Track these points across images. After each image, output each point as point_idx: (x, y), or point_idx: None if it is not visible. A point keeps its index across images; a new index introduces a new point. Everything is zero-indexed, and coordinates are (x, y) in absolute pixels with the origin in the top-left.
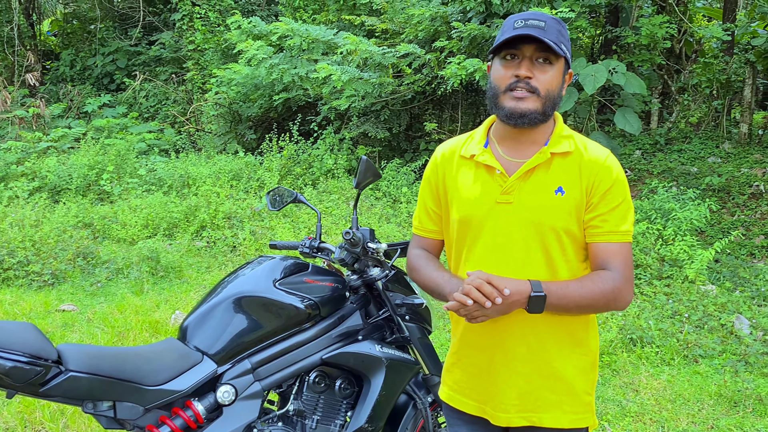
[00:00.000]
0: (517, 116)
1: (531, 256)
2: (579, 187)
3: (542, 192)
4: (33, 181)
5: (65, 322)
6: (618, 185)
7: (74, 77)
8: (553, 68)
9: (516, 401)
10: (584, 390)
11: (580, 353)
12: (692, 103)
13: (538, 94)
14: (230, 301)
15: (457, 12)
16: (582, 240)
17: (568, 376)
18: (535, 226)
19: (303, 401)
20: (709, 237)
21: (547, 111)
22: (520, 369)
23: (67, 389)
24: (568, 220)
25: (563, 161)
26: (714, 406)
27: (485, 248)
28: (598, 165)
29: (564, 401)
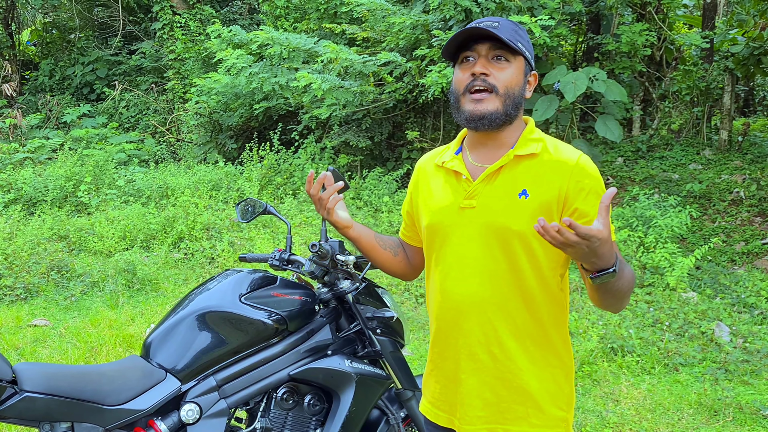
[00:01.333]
0: (477, 119)
1: (494, 263)
2: (547, 190)
3: (505, 195)
4: (8, 193)
5: (36, 338)
6: (596, 185)
7: (53, 87)
8: (511, 66)
9: (482, 413)
10: (554, 403)
11: (550, 365)
12: (673, 110)
13: (497, 93)
14: (194, 316)
15: (438, 20)
16: (559, 252)
17: (536, 388)
18: (497, 230)
19: (271, 418)
20: (690, 244)
21: (508, 111)
22: (486, 379)
23: (22, 410)
24: (532, 224)
25: (530, 163)
26: (694, 415)
27: (451, 255)
28: (570, 166)
29: (531, 414)
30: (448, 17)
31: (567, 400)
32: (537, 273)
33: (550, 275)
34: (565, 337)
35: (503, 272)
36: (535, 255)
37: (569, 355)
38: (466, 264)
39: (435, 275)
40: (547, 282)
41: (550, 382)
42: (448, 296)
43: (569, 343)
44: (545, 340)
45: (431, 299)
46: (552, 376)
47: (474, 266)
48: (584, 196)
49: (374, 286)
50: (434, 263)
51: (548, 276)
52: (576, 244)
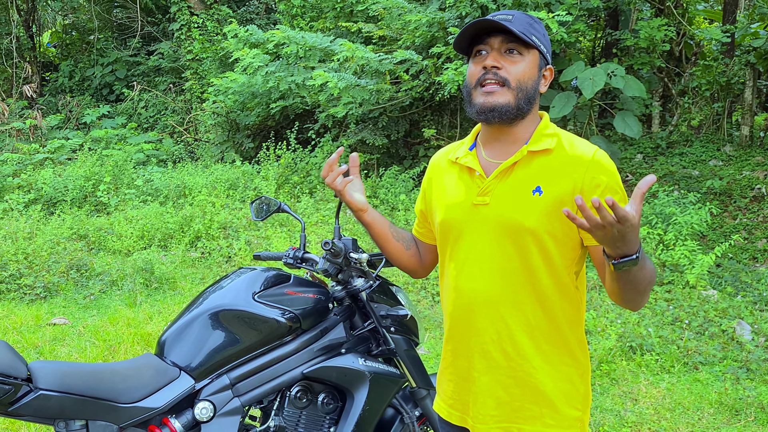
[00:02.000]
0: (487, 110)
1: (507, 261)
2: (562, 187)
3: (518, 192)
4: (29, 193)
5: (55, 336)
6: (612, 180)
7: (73, 88)
8: (524, 59)
9: (495, 412)
10: (569, 403)
11: (565, 364)
12: (693, 106)
13: (509, 86)
14: (208, 314)
15: (454, 17)
16: (571, 243)
17: (550, 387)
18: (510, 228)
19: (284, 417)
20: (711, 241)
21: (521, 105)
22: (499, 377)
23: (37, 408)
24: (547, 222)
25: (544, 160)
26: (714, 414)
27: (464, 252)
28: (586, 162)
29: (545, 414)
30: (464, 14)
31: (582, 399)
32: (551, 270)
33: (565, 273)
34: (580, 336)
35: (516, 269)
36: (549, 252)
37: (585, 353)
38: (480, 261)
39: (448, 272)
40: (562, 280)
41: (564, 381)
42: (461, 293)
43: (585, 342)
44: (559, 338)
45: (445, 296)
46: (566, 375)
47: (487, 263)
48: (600, 193)
49: (388, 284)
50: (448, 260)
51: (563, 273)
52: (610, 225)
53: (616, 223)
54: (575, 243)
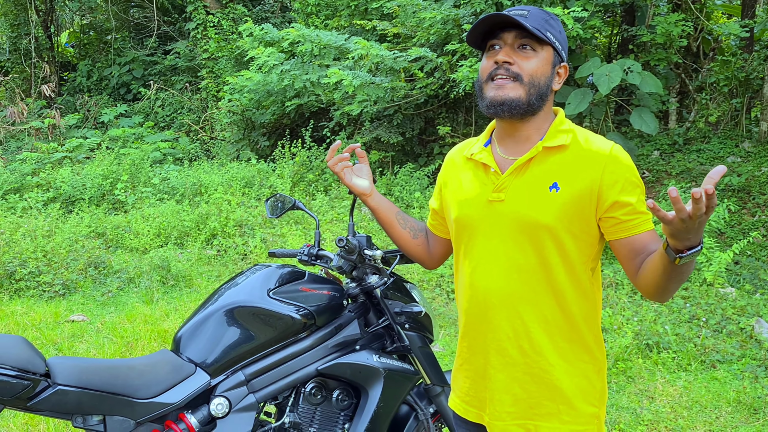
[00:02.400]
0: (497, 104)
1: (524, 257)
2: (579, 183)
3: (535, 188)
4: (47, 192)
5: (74, 333)
6: (630, 174)
7: (91, 88)
8: (538, 56)
9: (511, 408)
10: (586, 400)
11: (581, 360)
12: (711, 102)
13: (521, 81)
14: (223, 311)
15: (469, 15)
16: (588, 239)
17: (566, 384)
18: (527, 225)
19: (299, 413)
20: (729, 238)
21: (532, 101)
22: (515, 374)
23: (55, 403)
24: (564, 218)
25: (560, 156)
26: (732, 413)
27: (479, 248)
28: (604, 157)
29: (562, 411)
30: (479, 11)
31: (599, 396)
32: (567, 267)
33: (581, 270)
34: (596, 332)
35: (532, 266)
36: (565, 249)
37: (601, 350)
38: (495, 258)
39: (464, 269)
40: (578, 276)
41: (581, 377)
42: (476, 290)
43: (601, 339)
44: (576, 335)
45: (460, 293)
46: (583, 371)
47: (503, 260)
48: (620, 188)
49: (402, 281)
50: (462, 256)
51: (579, 270)
52: (699, 216)
53: (704, 215)
54: (593, 239)
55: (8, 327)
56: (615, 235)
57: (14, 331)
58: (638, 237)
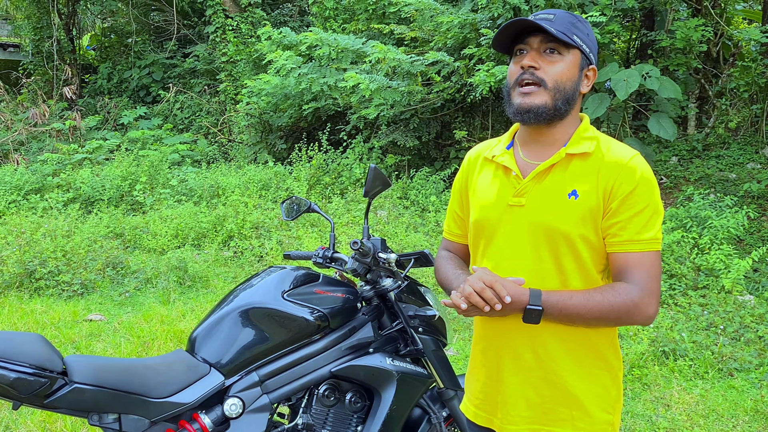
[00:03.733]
0: (524, 111)
1: (540, 263)
2: (595, 191)
3: (555, 195)
4: (67, 192)
5: (91, 332)
6: (642, 188)
7: (111, 90)
8: (564, 59)
9: (525, 413)
10: (601, 407)
11: (596, 367)
12: (730, 108)
13: (545, 86)
14: (238, 312)
15: (486, 19)
16: (602, 248)
17: (581, 390)
18: (545, 230)
19: (312, 415)
20: (748, 246)
21: (558, 106)
22: (530, 379)
23: (71, 401)
24: (581, 226)
25: (582, 163)
26: (750, 422)
27: (498, 252)
28: (620, 166)
29: (576, 417)
30: (497, 15)
31: (613, 403)
32: (583, 274)
33: (597, 277)
34: (612, 340)
35: (549, 272)
36: (582, 256)
37: (617, 357)
38: (512, 262)
39: None
40: (594, 283)
41: (595, 384)
42: None
43: (617, 346)
44: (590, 342)
45: None
46: (598, 378)
47: (520, 265)
48: (621, 198)
49: (416, 285)
50: (480, 258)
51: (595, 278)
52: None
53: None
54: (604, 249)
55: (28, 325)
56: (610, 248)
57: (33, 329)
58: (613, 255)
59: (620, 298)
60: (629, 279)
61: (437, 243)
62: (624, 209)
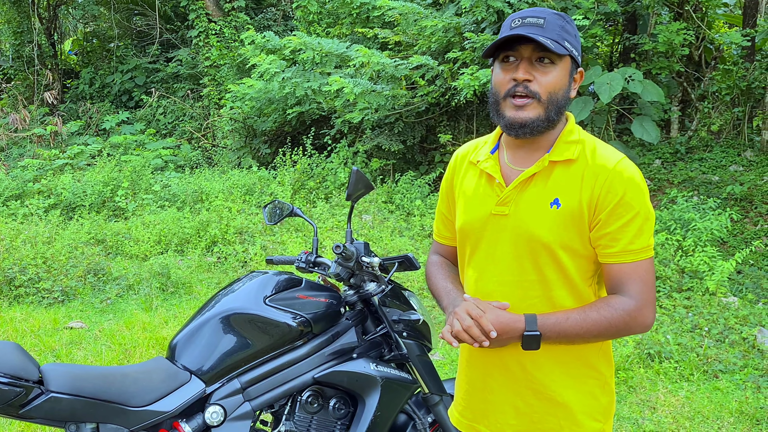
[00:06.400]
0: (517, 126)
1: (523, 273)
2: (579, 199)
3: (537, 205)
4: (48, 198)
5: (72, 340)
6: (631, 194)
7: (93, 95)
8: (556, 68)
9: (513, 421)
10: (590, 415)
11: (585, 375)
12: (713, 111)
13: (539, 99)
14: (219, 318)
15: (470, 23)
16: (589, 256)
17: (569, 399)
18: (527, 240)
19: (295, 422)
20: (731, 247)
21: (551, 117)
22: (517, 388)
23: (48, 411)
24: (564, 236)
25: (565, 170)
26: (735, 423)
27: (482, 261)
28: (605, 172)
29: (564, 426)
30: (480, 19)
31: (603, 411)
32: (568, 283)
33: (584, 285)
34: (600, 347)
35: (532, 282)
36: (565, 266)
37: (608, 364)
38: (497, 271)
39: (468, 278)
40: (580, 293)
41: (584, 393)
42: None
43: (608, 353)
44: (577, 350)
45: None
46: (586, 386)
47: (503, 274)
48: (610, 209)
49: (400, 289)
50: (467, 265)
51: (581, 287)
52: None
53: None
54: (593, 257)
55: (7, 333)
56: (603, 258)
57: (13, 337)
58: (606, 267)
59: (617, 313)
60: (624, 291)
61: (422, 247)
62: (613, 219)
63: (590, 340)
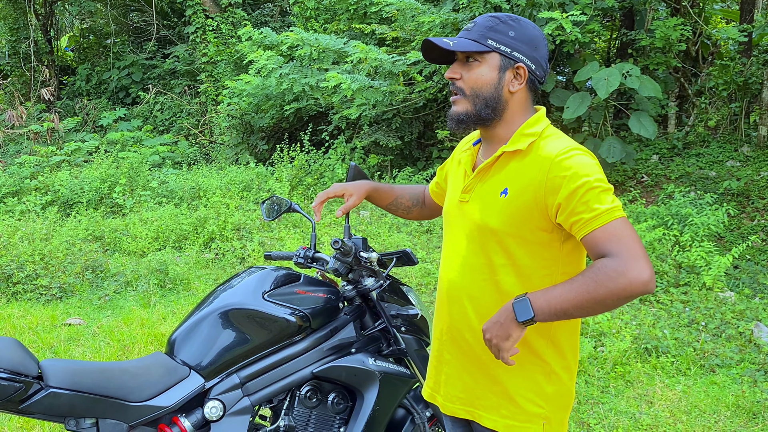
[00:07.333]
0: (450, 119)
1: (473, 257)
2: (526, 189)
3: (489, 193)
4: (45, 195)
5: (70, 336)
6: (574, 173)
7: (90, 91)
8: (481, 66)
9: (461, 394)
10: (529, 399)
11: (527, 361)
12: (710, 107)
13: (465, 95)
14: (218, 313)
15: (468, 18)
16: (542, 243)
17: (507, 381)
18: (478, 227)
19: (294, 416)
20: (728, 242)
21: (480, 111)
22: (465, 363)
23: (47, 406)
24: (511, 224)
25: (519, 161)
26: (731, 417)
27: (447, 243)
28: (549, 161)
29: (502, 405)
30: (478, 14)
31: (547, 398)
32: (516, 270)
33: (536, 273)
34: (552, 337)
35: (481, 266)
36: (513, 253)
37: (558, 356)
38: (455, 254)
39: (440, 259)
40: (530, 281)
41: (524, 378)
42: (441, 281)
43: (560, 346)
44: (523, 338)
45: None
46: (528, 372)
47: (460, 256)
48: (566, 194)
49: (399, 284)
50: (442, 248)
51: (532, 274)
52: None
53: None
54: (548, 244)
55: (5, 330)
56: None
57: (10, 334)
58: (583, 240)
59: (602, 272)
60: (605, 254)
61: (420, 243)
62: (568, 201)
63: (588, 309)
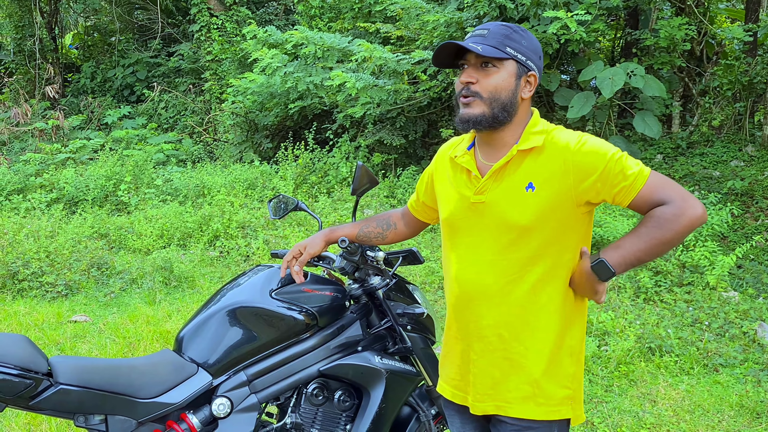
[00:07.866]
0: (464, 121)
1: (500, 254)
2: (552, 178)
3: (512, 190)
4: (51, 193)
5: (76, 333)
6: (599, 154)
7: (95, 89)
8: (499, 71)
9: (491, 390)
10: (559, 383)
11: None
12: (714, 106)
13: (481, 98)
14: (225, 311)
15: (472, 17)
16: (569, 227)
17: (538, 369)
18: (505, 224)
19: (301, 414)
20: (732, 242)
21: (496, 114)
22: (494, 359)
23: (57, 402)
24: (540, 216)
25: (535, 157)
26: (735, 417)
27: (464, 246)
28: (568, 151)
29: (538, 394)
30: (483, 14)
31: (573, 378)
32: (543, 263)
33: (560, 262)
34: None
35: (509, 261)
36: (539, 246)
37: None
38: (478, 254)
39: (451, 263)
40: (557, 271)
41: (553, 363)
42: (462, 283)
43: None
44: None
45: (447, 285)
46: (556, 357)
47: (484, 256)
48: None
49: (405, 283)
50: (450, 251)
51: (557, 266)
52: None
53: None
54: (575, 225)
55: (11, 327)
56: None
57: (17, 331)
58: (632, 204)
59: (663, 218)
60: (658, 204)
61: (425, 241)
62: (605, 177)
63: (660, 251)
